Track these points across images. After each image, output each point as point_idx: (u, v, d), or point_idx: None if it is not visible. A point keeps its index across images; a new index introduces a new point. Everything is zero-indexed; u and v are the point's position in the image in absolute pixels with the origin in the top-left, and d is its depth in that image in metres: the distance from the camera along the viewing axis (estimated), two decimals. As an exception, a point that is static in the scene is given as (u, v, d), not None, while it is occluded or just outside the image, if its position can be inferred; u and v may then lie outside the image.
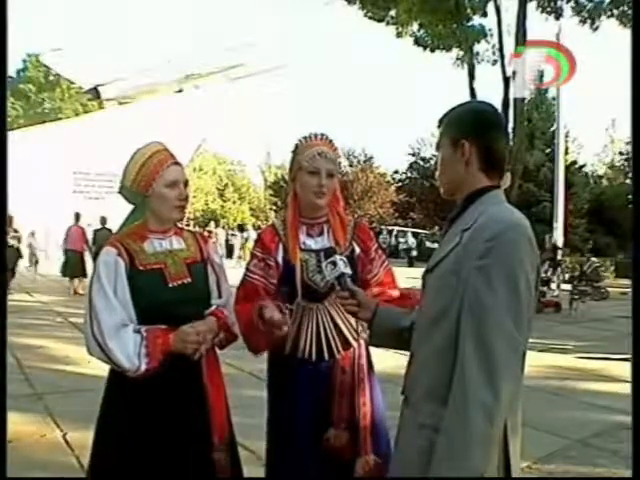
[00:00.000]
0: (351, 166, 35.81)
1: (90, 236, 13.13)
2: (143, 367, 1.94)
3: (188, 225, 25.80)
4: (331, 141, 2.27)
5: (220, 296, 2.22)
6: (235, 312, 2.19)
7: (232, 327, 2.17)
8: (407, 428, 1.53)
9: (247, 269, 2.28)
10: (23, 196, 15.87)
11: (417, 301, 1.90)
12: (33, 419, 4.42)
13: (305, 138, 2.25)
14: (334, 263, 1.86)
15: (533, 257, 1.41)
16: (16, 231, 13.69)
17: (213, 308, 2.15)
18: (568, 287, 13.16)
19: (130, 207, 2.20)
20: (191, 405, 2.05)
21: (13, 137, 17.83)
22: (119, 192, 2.16)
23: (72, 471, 3.49)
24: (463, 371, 1.33)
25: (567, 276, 13.45)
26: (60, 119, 30.64)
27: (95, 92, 27.62)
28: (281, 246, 2.25)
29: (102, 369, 2.09)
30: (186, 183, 2.14)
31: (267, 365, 2.34)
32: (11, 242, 12.93)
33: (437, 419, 1.37)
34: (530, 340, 1.43)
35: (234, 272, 2.56)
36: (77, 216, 13.42)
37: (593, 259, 13.83)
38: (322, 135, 2.26)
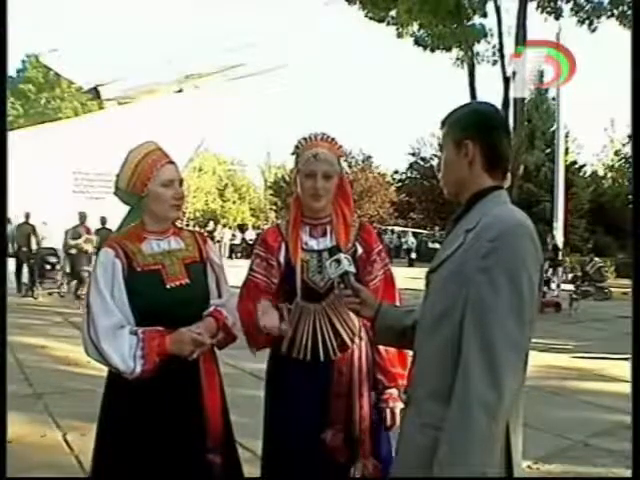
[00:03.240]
0: (350, 167, 35.77)
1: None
2: (138, 369, 1.93)
3: (188, 225, 25.79)
4: (332, 140, 2.23)
5: (220, 296, 2.22)
6: (238, 310, 2.19)
7: (231, 328, 2.16)
8: (410, 427, 1.53)
9: (250, 268, 2.28)
10: (23, 196, 15.84)
11: None
12: (33, 419, 4.42)
13: (305, 139, 2.23)
14: (338, 261, 1.86)
15: (536, 257, 1.41)
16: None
17: (211, 309, 2.15)
18: (570, 287, 13.17)
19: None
20: (186, 406, 2.04)
21: (13, 137, 17.82)
22: (115, 194, 2.16)
23: (72, 471, 3.49)
24: (466, 371, 1.33)
25: (570, 276, 13.42)
26: (60, 119, 30.63)
27: (95, 92, 27.60)
28: (283, 246, 2.25)
29: (102, 369, 2.09)
30: (181, 182, 2.14)
31: (266, 363, 2.34)
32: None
33: (440, 418, 1.37)
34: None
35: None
36: (83, 216, 13.36)
37: (596, 259, 13.81)
38: (322, 135, 2.23)
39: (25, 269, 12.74)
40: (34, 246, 12.67)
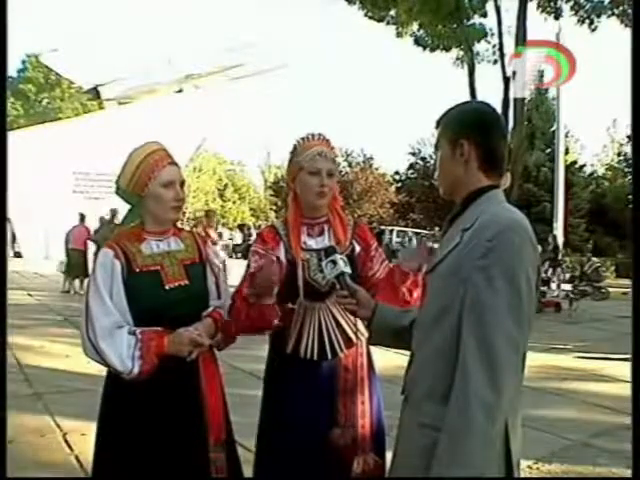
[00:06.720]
0: (350, 166, 35.79)
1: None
2: (136, 370, 1.93)
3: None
4: (328, 140, 2.28)
5: (219, 297, 2.22)
6: (232, 300, 2.18)
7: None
8: (407, 428, 1.53)
9: (248, 266, 2.27)
10: (23, 196, 15.85)
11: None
12: (33, 419, 4.41)
13: (303, 139, 2.26)
14: (334, 262, 1.86)
15: (534, 257, 1.41)
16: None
17: (211, 310, 2.15)
18: (568, 287, 13.19)
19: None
20: (187, 405, 2.04)
21: (13, 137, 17.82)
22: (116, 193, 2.16)
23: (72, 471, 3.49)
24: (465, 370, 1.33)
25: (568, 276, 13.46)
26: (60, 119, 30.65)
27: (95, 92, 27.60)
28: (282, 246, 2.25)
29: (102, 369, 2.09)
30: (182, 183, 2.14)
31: (266, 363, 2.33)
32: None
33: (438, 418, 1.37)
34: (530, 340, 1.43)
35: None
36: (82, 217, 13.31)
37: (594, 259, 13.87)
38: (319, 135, 2.27)
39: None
40: None
